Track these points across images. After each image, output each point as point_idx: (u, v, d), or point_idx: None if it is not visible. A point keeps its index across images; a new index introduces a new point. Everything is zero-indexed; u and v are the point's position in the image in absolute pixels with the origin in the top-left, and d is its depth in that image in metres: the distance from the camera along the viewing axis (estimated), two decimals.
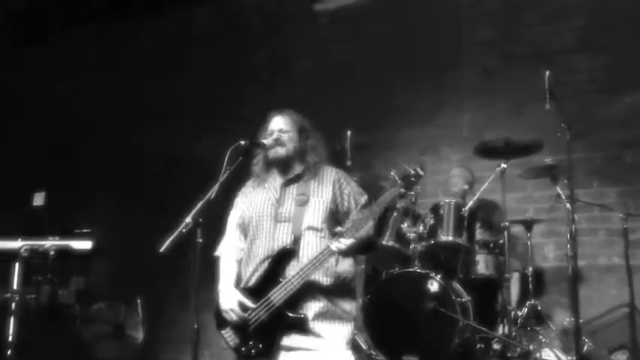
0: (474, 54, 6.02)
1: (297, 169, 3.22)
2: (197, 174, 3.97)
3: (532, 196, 5.46)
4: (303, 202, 3.11)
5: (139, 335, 5.33)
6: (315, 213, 3.11)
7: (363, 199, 3.18)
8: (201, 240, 2.77)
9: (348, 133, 5.07)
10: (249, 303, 3.00)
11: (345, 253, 2.98)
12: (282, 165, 3.23)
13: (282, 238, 3.08)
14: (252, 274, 3.10)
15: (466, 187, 4.82)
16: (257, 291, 3.03)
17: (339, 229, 2.95)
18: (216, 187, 2.87)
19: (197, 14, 7.13)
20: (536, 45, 5.79)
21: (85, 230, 5.04)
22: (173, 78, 6.83)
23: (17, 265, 4.47)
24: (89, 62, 7.11)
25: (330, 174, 3.23)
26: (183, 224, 2.73)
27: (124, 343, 5.27)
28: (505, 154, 4.53)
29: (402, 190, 2.93)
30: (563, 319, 4.63)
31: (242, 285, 3.12)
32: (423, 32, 6.15)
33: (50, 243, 4.47)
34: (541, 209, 5.32)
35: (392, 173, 2.93)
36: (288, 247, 3.05)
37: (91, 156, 7.02)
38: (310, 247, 3.05)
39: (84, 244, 4.65)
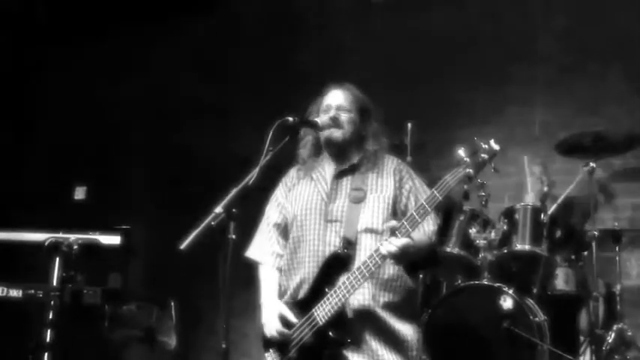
0: (547, 46, 5.22)
1: (354, 157, 2.56)
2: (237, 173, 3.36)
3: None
4: (359, 199, 2.46)
5: (172, 341, 4.70)
6: (375, 212, 2.47)
7: (426, 196, 2.49)
8: (234, 236, 2.07)
9: (409, 125, 4.35)
10: (292, 318, 2.35)
11: (398, 258, 2.28)
12: (337, 151, 2.58)
13: (335, 241, 2.43)
14: (300, 284, 2.46)
15: (546, 189, 4.02)
16: (306, 304, 2.40)
17: (391, 223, 2.26)
18: (255, 172, 2.20)
19: (244, 12, 6.49)
20: (615, 38, 4.97)
21: (124, 227, 4.56)
22: (217, 76, 6.21)
23: (57, 259, 3.98)
24: (130, 61, 6.57)
25: (392, 165, 2.59)
26: (212, 215, 2.06)
27: (155, 349, 4.63)
28: (594, 151, 3.72)
29: (469, 170, 2.25)
30: None
31: (289, 297, 2.50)
32: (486, 23, 5.38)
33: (75, 237, 3.89)
34: (624, 218, 4.49)
35: (459, 152, 2.29)
36: (341, 252, 2.38)
37: (134, 153, 6.47)
38: (369, 253, 2.37)
39: (112, 240, 4.10)
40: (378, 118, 2.66)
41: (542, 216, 3.74)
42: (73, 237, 3.90)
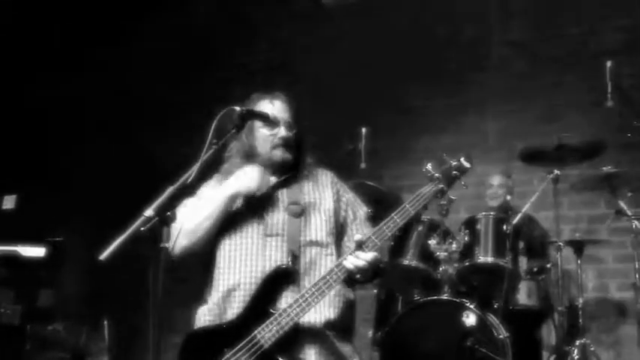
0: (500, 54, 5.04)
1: (290, 170, 2.29)
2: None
3: (567, 214, 4.44)
4: (297, 213, 2.19)
5: None
6: (318, 224, 2.21)
7: (363, 211, 2.34)
8: (167, 244, 1.68)
9: (363, 130, 4.04)
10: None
11: (364, 273, 2.05)
12: (278, 169, 2.28)
13: (276, 255, 2.13)
14: (228, 295, 2.13)
15: (509, 197, 3.78)
16: (237, 327, 2.03)
17: (357, 237, 2.05)
18: (195, 168, 1.81)
19: (196, 9, 6.08)
20: (571, 46, 4.84)
21: (54, 239, 4.07)
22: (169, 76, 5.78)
23: None
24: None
25: (327, 176, 2.36)
26: (142, 219, 1.66)
27: None
28: (557, 160, 3.50)
29: (441, 186, 2.17)
30: None
31: (211, 315, 2.15)
32: (442, 29, 5.17)
33: None
34: (584, 229, 4.31)
35: (428, 167, 2.20)
36: (285, 266, 2.10)
37: (71, 159, 5.93)
38: (315, 267, 2.15)
39: (35, 252, 3.61)
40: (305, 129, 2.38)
41: (505, 226, 3.48)
42: None
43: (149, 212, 1.69)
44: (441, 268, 3.50)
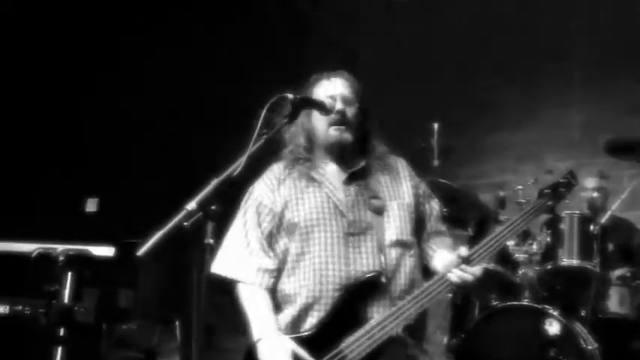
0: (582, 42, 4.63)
1: (359, 158, 2.07)
2: None
3: None
4: (379, 208, 1.98)
5: None
6: (400, 221, 1.99)
7: (437, 205, 2.15)
8: (212, 240, 1.54)
9: (435, 126, 3.79)
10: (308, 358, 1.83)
11: (472, 289, 2.09)
12: (342, 153, 2.06)
13: (365, 260, 1.92)
14: (305, 311, 1.93)
15: (595, 195, 3.42)
16: (318, 340, 1.85)
17: (463, 251, 1.88)
18: (242, 160, 1.66)
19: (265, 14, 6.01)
20: None
21: (134, 240, 4.08)
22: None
23: (70, 273, 3.46)
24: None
25: (402, 166, 2.14)
26: (184, 213, 1.53)
27: None
28: None
29: (551, 202, 2.18)
30: None
31: (288, 329, 1.95)
32: (517, 18, 4.81)
33: (63, 247, 3.40)
34: None
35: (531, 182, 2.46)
36: (375, 274, 1.90)
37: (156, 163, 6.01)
38: (400, 270, 1.95)
39: (105, 251, 3.60)
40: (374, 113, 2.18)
41: (592, 226, 3.14)
42: (60, 247, 3.40)
43: (191, 205, 1.55)
44: (520, 272, 3.23)
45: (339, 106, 2.01)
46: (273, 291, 1.99)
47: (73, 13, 5.65)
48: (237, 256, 1.99)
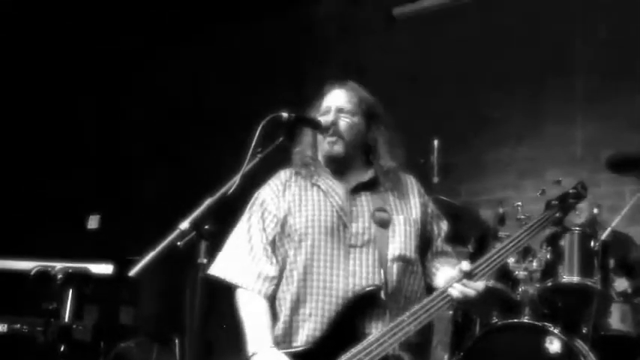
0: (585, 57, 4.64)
1: (363, 171, 2.06)
2: None
3: None
4: (385, 221, 1.95)
5: None
6: (405, 236, 1.97)
7: (445, 226, 2.12)
8: (205, 260, 1.54)
9: (435, 143, 3.79)
10: None
11: (473, 304, 2.04)
12: (338, 168, 2.06)
13: (365, 272, 1.90)
14: (301, 323, 1.90)
15: (595, 211, 3.41)
16: (315, 355, 1.83)
17: (465, 265, 1.86)
18: (237, 178, 1.67)
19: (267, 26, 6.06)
20: None
21: (134, 257, 4.08)
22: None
23: (70, 291, 3.51)
24: None
25: (412, 183, 2.12)
26: (177, 233, 1.53)
27: None
28: None
29: (559, 214, 2.15)
30: None
31: (283, 343, 1.92)
32: (518, 32, 4.84)
33: (62, 265, 3.41)
34: None
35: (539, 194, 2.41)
36: (374, 289, 1.88)
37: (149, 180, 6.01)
38: (401, 286, 1.92)
39: (103, 269, 3.61)
40: (389, 125, 2.15)
41: (592, 243, 3.13)
42: (59, 265, 3.40)
43: (184, 225, 1.56)
44: (520, 289, 3.20)
45: (330, 117, 2.01)
46: (272, 298, 1.97)
47: (73, 13, 5.63)
48: (239, 261, 1.96)
